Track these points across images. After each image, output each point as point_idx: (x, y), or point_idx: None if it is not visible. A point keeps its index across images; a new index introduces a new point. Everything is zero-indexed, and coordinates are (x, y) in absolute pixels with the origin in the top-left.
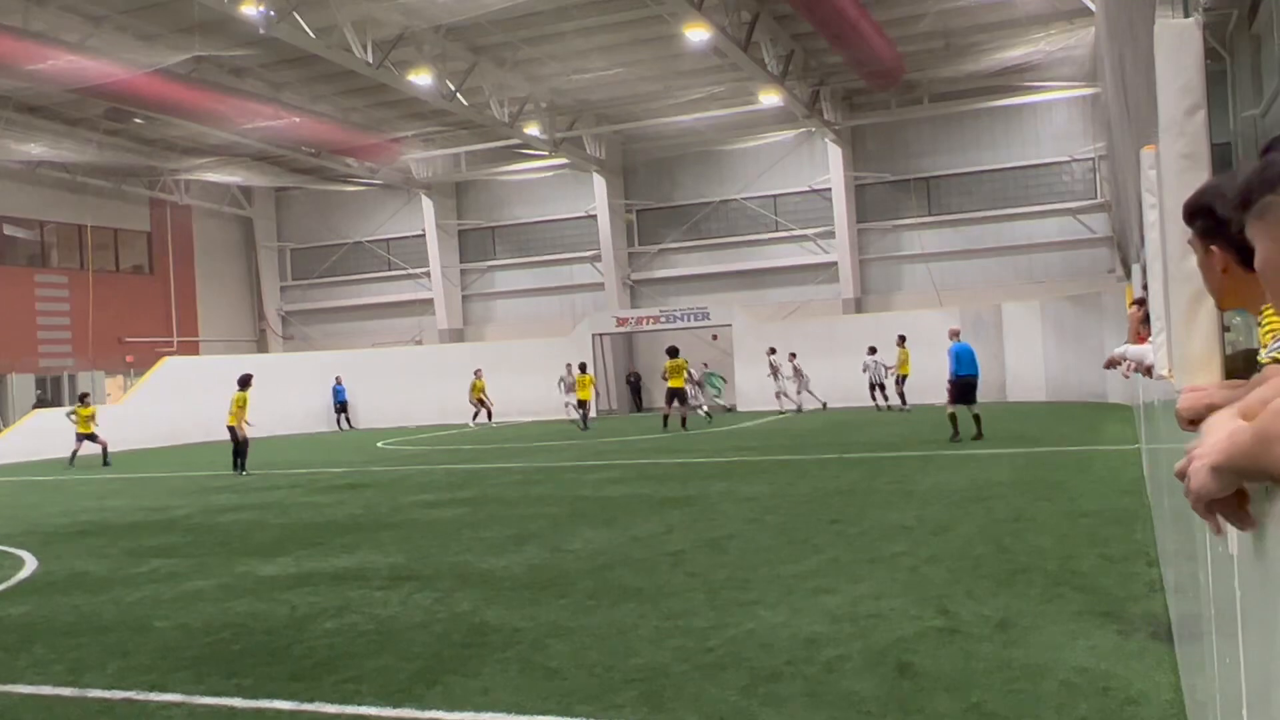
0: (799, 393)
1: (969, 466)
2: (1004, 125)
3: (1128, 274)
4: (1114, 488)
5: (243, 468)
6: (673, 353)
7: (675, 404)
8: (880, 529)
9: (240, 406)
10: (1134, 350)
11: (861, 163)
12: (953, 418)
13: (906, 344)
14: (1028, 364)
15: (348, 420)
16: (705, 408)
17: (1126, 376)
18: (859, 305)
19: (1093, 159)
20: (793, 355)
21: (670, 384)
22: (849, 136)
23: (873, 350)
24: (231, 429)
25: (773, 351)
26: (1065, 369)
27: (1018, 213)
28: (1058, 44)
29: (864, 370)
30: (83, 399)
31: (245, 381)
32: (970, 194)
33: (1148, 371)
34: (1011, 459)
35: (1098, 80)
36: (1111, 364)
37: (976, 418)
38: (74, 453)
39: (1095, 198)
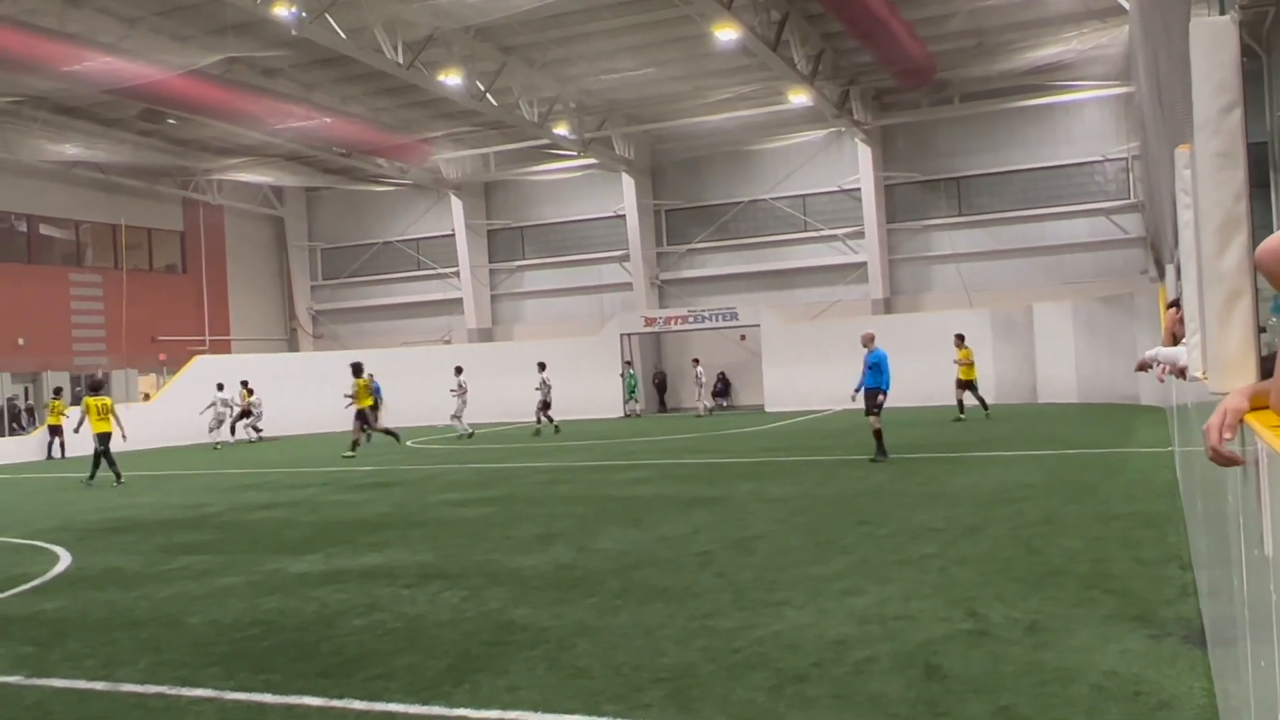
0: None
1: (999, 468)
2: (1035, 124)
3: (1161, 275)
4: (1146, 490)
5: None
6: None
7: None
8: (909, 530)
9: (109, 410)
10: (1166, 352)
11: (891, 162)
12: (878, 434)
13: (966, 343)
14: (1059, 365)
15: (376, 419)
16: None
17: (1162, 380)
18: (888, 306)
19: (1126, 159)
20: (695, 361)
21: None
22: (879, 136)
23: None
24: (99, 434)
25: (695, 361)
26: (1097, 370)
27: (1049, 213)
28: (1090, 43)
29: None
30: (57, 393)
31: (96, 386)
32: (1001, 194)
33: (1181, 373)
34: (1042, 461)
35: (1131, 79)
36: (1143, 366)
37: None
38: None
39: (1128, 198)
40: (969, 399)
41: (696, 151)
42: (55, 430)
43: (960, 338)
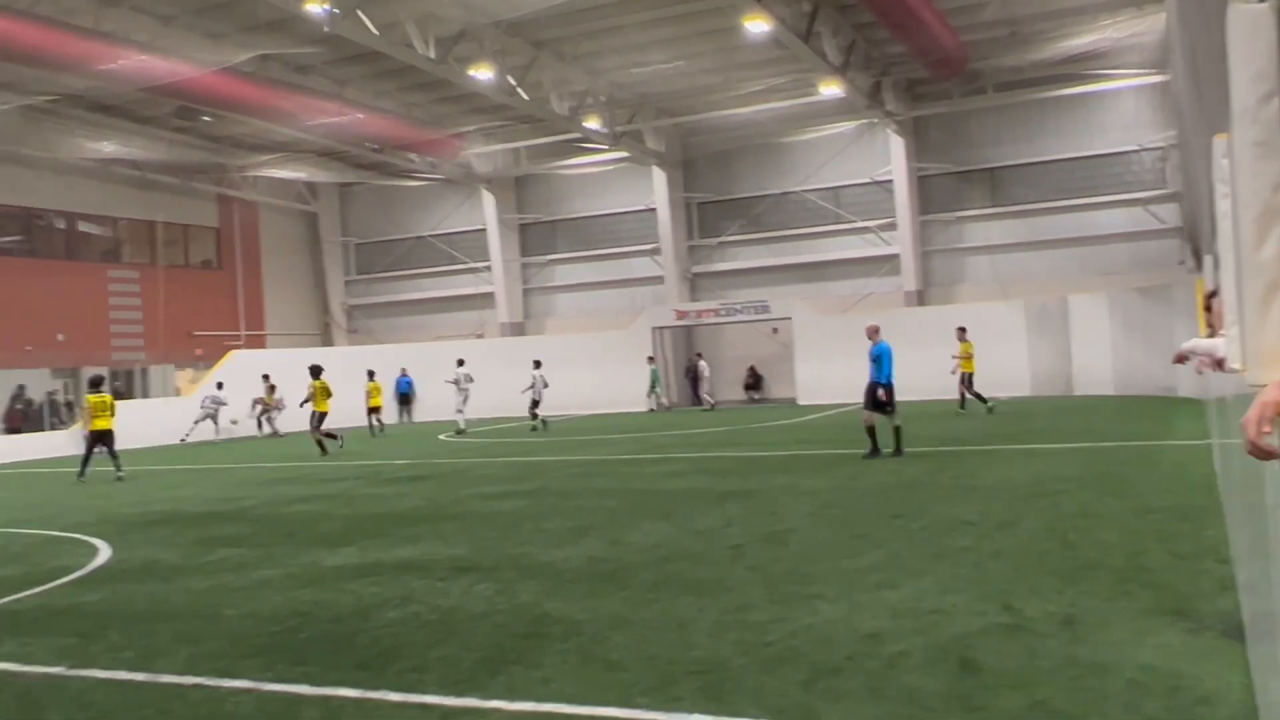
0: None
1: (1033, 462)
2: (1070, 114)
3: (1199, 266)
4: (1184, 484)
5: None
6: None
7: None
8: (943, 524)
9: (107, 409)
10: (1204, 344)
11: (924, 154)
12: (871, 431)
13: (968, 335)
14: (1095, 358)
15: (409, 413)
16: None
17: (1200, 372)
18: (921, 298)
19: (1162, 148)
20: (698, 355)
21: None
22: (911, 127)
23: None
24: (96, 433)
25: (698, 356)
26: (1133, 363)
27: (1084, 203)
28: (1126, 31)
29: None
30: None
31: (97, 383)
32: (1035, 185)
33: (1219, 365)
34: (1077, 454)
35: (1168, 67)
36: (1181, 358)
37: (872, 430)
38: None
39: (1165, 188)
40: (964, 391)
41: (728, 144)
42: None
43: (962, 330)
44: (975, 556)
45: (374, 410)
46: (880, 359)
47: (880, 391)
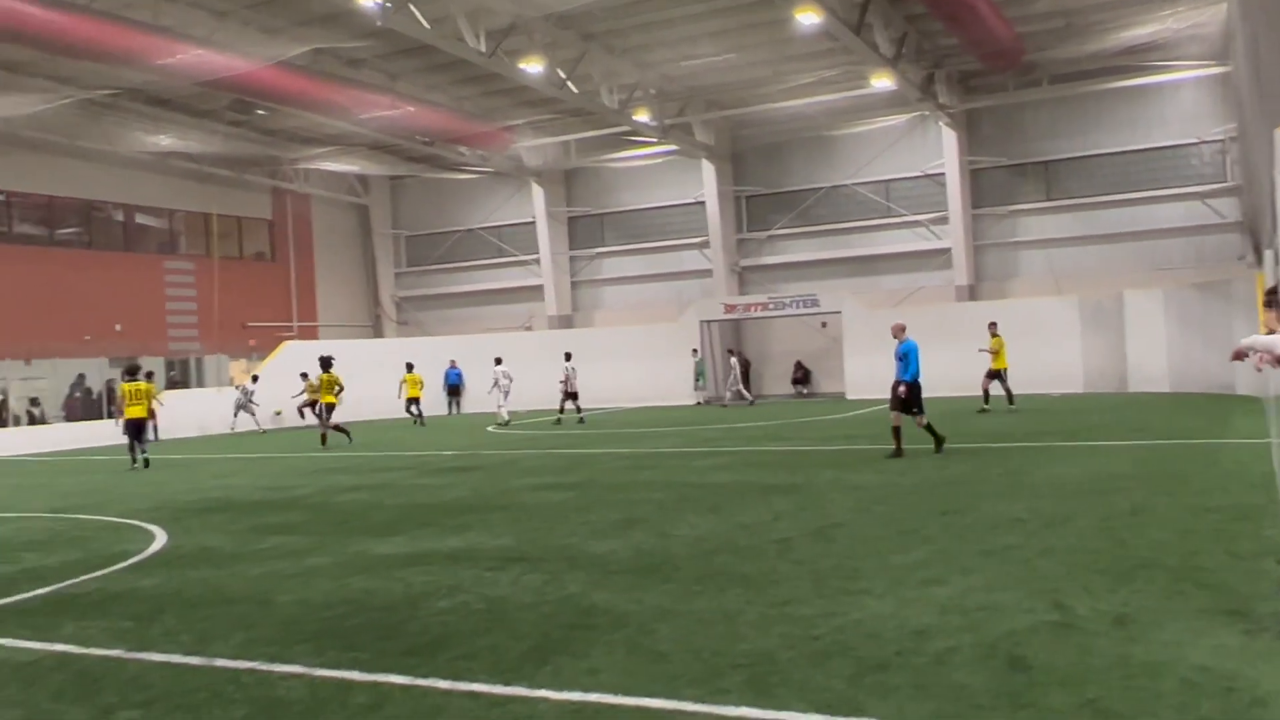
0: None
1: (1086, 458)
2: (1127, 106)
3: (1259, 260)
4: (1242, 482)
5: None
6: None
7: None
8: (992, 520)
9: (144, 395)
10: (1263, 340)
11: (977, 147)
12: (896, 431)
13: (999, 330)
14: (1150, 354)
15: (457, 404)
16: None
17: (1260, 369)
18: (973, 293)
19: (1222, 141)
20: (730, 351)
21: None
22: (964, 120)
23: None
24: (131, 420)
25: (730, 353)
26: (1190, 359)
27: (1141, 197)
28: (1186, 21)
29: None
30: (148, 377)
31: (133, 371)
32: (1091, 178)
33: (1278, 362)
34: (1131, 451)
35: (1228, 59)
36: (1239, 355)
37: (929, 427)
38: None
39: (1225, 181)
40: (995, 388)
41: (777, 137)
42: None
43: (993, 325)
44: (1025, 554)
45: (413, 401)
46: (908, 357)
47: (901, 389)
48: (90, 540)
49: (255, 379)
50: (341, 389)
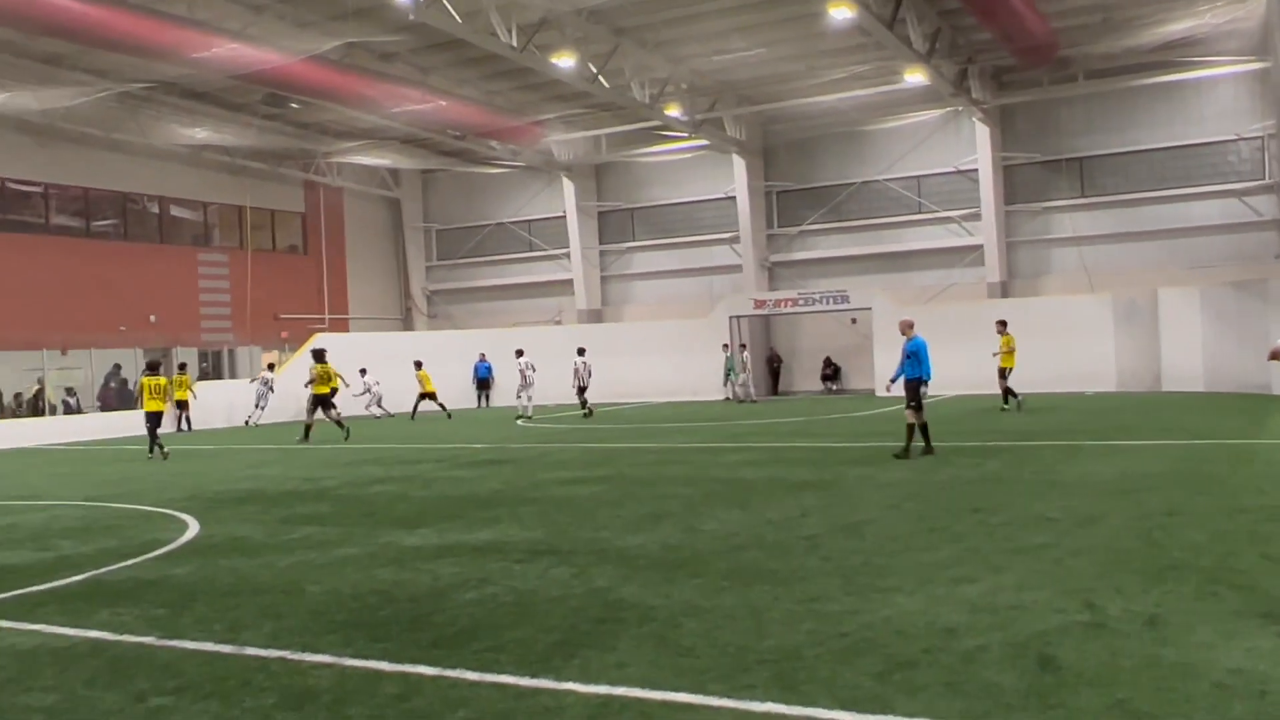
0: (744, 384)
1: (1118, 458)
2: (1164, 102)
3: None
4: (1277, 483)
5: (161, 449)
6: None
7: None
8: (1023, 519)
9: (161, 389)
10: None
11: (1010, 143)
12: (924, 428)
13: (1009, 329)
14: (1185, 353)
15: (486, 398)
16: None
17: None
18: (1005, 290)
19: (1261, 137)
20: (743, 346)
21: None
22: (998, 115)
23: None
24: (151, 414)
25: (743, 348)
26: (1225, 359)
27: (1177, 194)
28: (1224, 16)
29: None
30: (182, 369)
31: (154, 366)
32: (1126, 175)
33: None
34: (1165, 451)
35: (1268, 54)
36: (1276, 355)
37: (924, 427)
38: (177, 419)
39: (1263, 178)
40: (1005, 387)
41: (809, 132)
42: (181, 405)
43: (1002, 324)
44: (1056, 553)
45: (428, 396)
46: (918, 354)
47: (924, 389)
48: (124, 528)
49: (271, 367)
50: (335, 385)
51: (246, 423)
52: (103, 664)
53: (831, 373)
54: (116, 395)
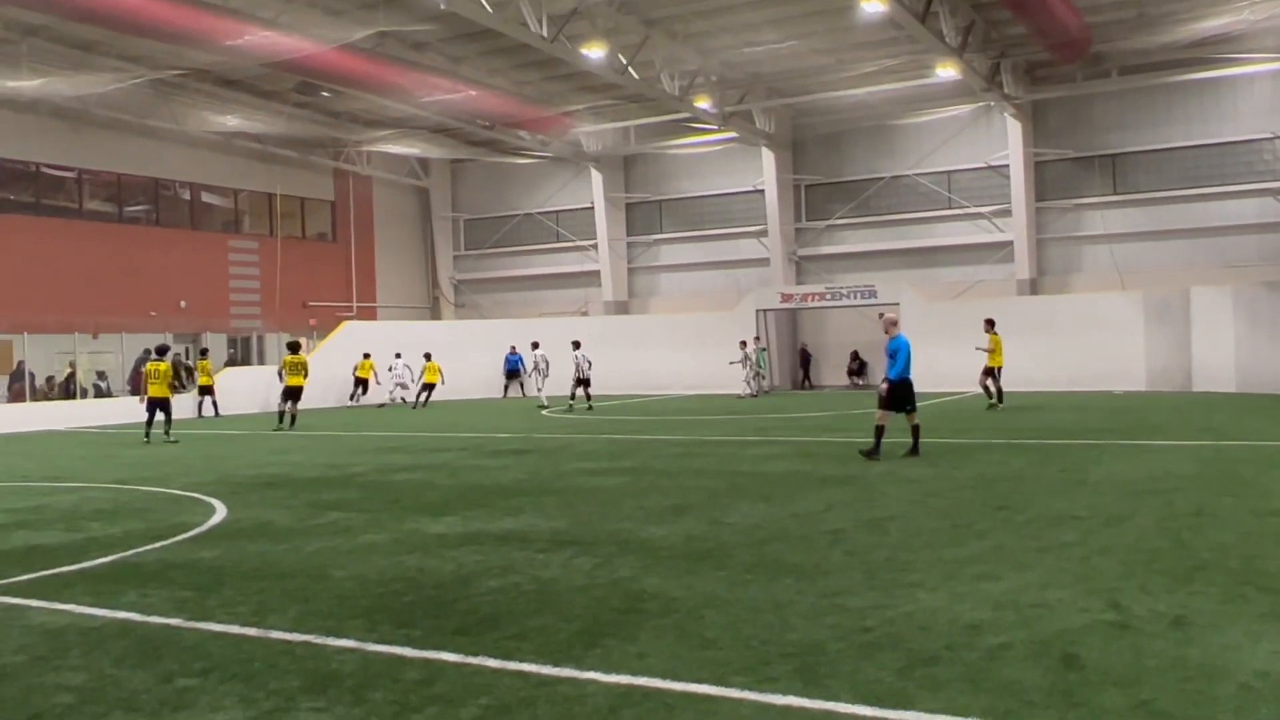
0: (755, 378)
1: (1146, 458)
2: (1199, 99)
3: None
4: None
5: (167, 434)
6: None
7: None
8: (1049, 517)
9: (165, 376)
10: None
11: (1042, 138)
12: (879, 430)
13: (996, 329)
14: (1217, 353)
15: (521, 387)
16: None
17: None
18: (1034, 287)
19: None
20: (743, 343)
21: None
22: (1030, 111)
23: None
24: (154, 399)
25: (743, 344)
26: (1258, 359)
27: (1212, 192)
28: (1263, 13)
29: None
30: (204, 354)
31: (162, 351)
32: (1160, 172)
33: None
34: (1195, 451)
35: None
36: None
37: (916, 429)
38: (199, 404)
39: None
40: (990, 385)
41: (838, 126)
42: (205, 390)
43: (990, 323)
44: (1082, 552)
45: (428, 388)
46: (897, 354)
47: (883, 386)
48: (153, 511)
49: (397, 355)
50: (303, 370)
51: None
52: (130, 644)
53: (858, 368)
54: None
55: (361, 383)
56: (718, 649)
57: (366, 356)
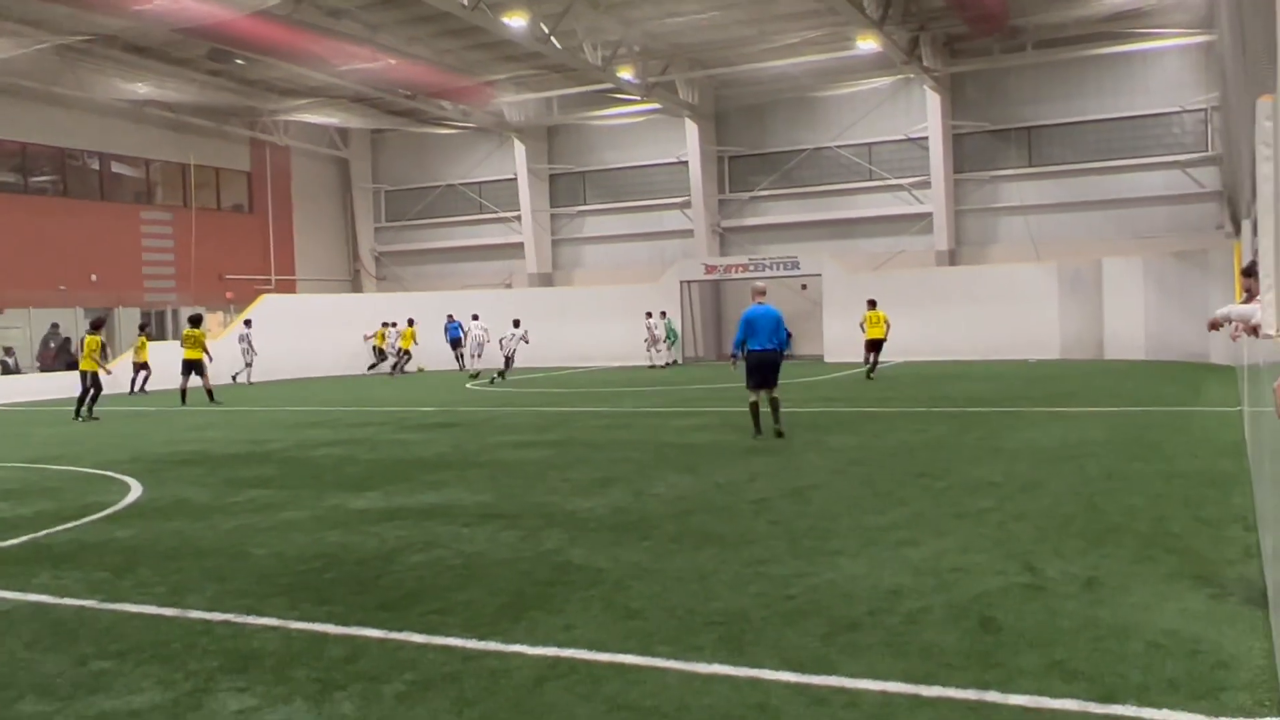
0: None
1: (1061, 424)
2: (1111, 74)
3: (1237, 230)
4: (1212, 450)
5: (90, 412)
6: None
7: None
8: (967, 484)
9: (92, 350)
10: (1239, 310)
11: (960, 111)
12: (754, 407)
13: (878, 307)
14: (1127, 322)
15: (462, 359)
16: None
17: (1235, 338)
18: (953, 258)
19: (1205, 110)
20: (649, 314)
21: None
22: (948, 84)
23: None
24: (84, 373)
25: (649, 315)
26: (1166, 328)
27: (1123, 165)
28: None
29: None
30: (142, 329)
31: (97, 325)
32: (1073, 145)
33: (1254, 331)
34: (1106, 418)
35: (1213, 27)
36: (1215, 325)
37: (774, 401)
38: (132, 381)
39: (1206, 150)
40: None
41: (761, 98)
42: (140, 366)
43: (872, 303)
44: (998, 517)
45: (404, 352)
46: (755, 323)
47: (730, 361)
48: (65, 491)
49: (249, 323)
50: (201, 344)
51: (234, 379)
52: (43, 627)
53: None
54: (55, 355)
55: (404, 353)
56: (643, 619)
57: (411, 323)
